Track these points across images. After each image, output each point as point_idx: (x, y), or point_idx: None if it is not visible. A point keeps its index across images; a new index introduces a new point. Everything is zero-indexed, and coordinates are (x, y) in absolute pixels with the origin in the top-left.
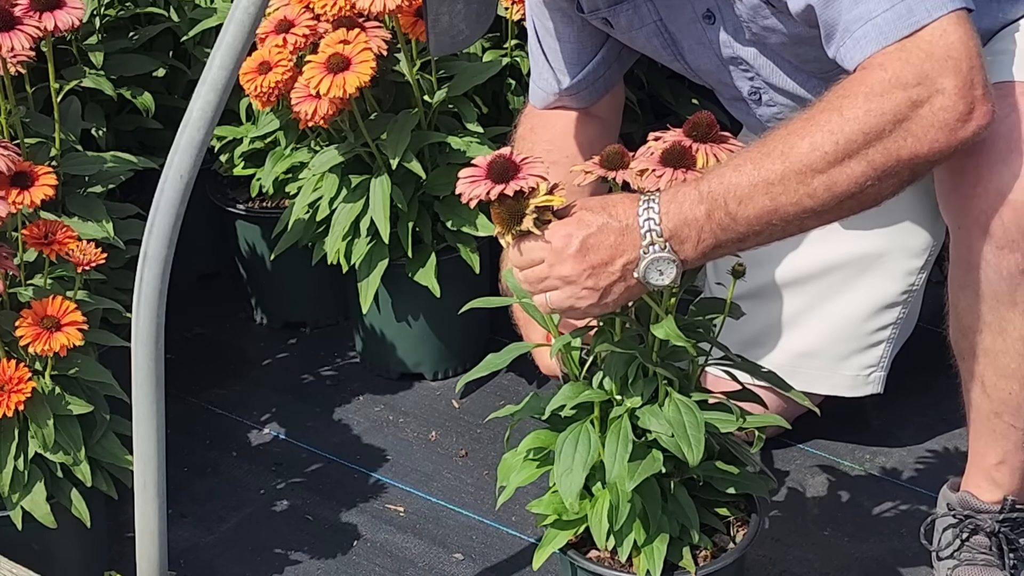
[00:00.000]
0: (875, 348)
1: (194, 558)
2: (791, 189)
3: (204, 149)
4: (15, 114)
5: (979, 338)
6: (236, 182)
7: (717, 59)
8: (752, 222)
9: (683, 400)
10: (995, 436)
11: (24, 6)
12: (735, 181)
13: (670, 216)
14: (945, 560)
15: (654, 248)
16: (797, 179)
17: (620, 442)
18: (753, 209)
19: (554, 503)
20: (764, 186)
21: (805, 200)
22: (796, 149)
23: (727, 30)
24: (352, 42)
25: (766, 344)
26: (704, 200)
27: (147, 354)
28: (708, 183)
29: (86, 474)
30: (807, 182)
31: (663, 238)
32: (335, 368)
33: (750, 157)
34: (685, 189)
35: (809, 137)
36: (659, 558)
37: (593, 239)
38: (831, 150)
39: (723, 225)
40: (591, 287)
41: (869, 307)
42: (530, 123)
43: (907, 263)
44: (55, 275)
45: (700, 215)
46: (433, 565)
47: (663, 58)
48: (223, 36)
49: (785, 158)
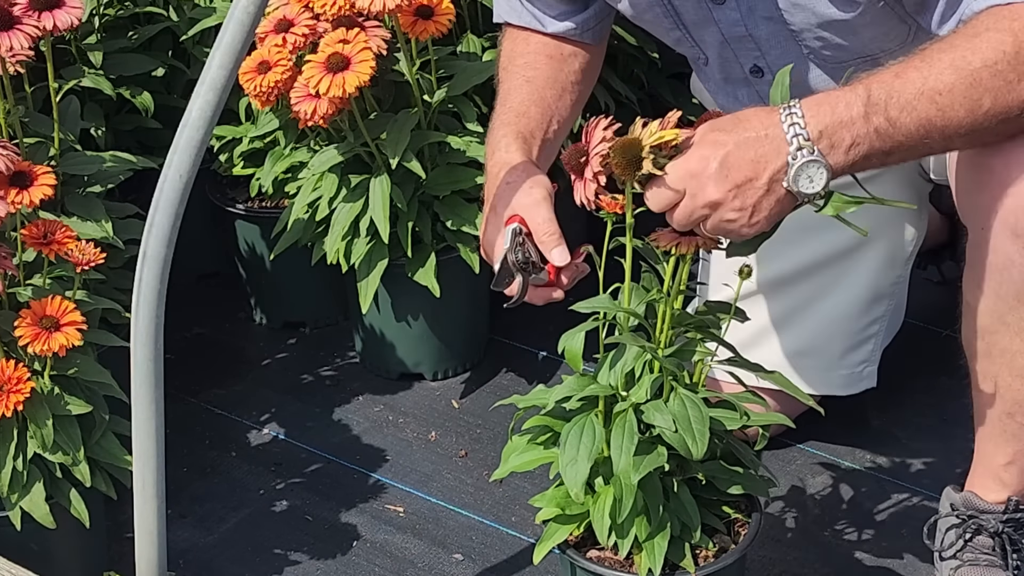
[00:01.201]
0: (867, 343)
1: (193, 558)
2: (957, 102)
3: (203, 149)
4: (14, 114)
5: (996, 339)
6: (235, 182)
7: (721, 38)
8: (911, 133)
9: (688, 395)
10: (1005, 436)
11: (23, 5)
12: (899, 88)
13: (819, 118)
14: (948, 560)
15: (803, 153)
16: (966, 92)
17: (626, 435)
18: (916, 118)
19: (556, 497)
20: (931, 95)
21: (968, 117)
22: (968, 63)
23: (740, 9)
24: (352, 42)
25: (759, 345)
26: (863, 102)
27: (146, 354)
28: (868, 87)
29: (85, 474)
30: (976, 98)
31: (810, 141)
32: (335, 368)
33: (913, 65)
34: (837, 93)
35: (981, 54)
36: (660, 554)
37: (733, 156)
38: (1004, 69)
39: (881, 131)
40: (738, 207)
41: (859, 303)
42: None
43: (893, 256)
44: (54, 275)
45: (857, 116)
46: (433, 565)
47: (663, 26)
48: (222, 35)
49: (956, 70)
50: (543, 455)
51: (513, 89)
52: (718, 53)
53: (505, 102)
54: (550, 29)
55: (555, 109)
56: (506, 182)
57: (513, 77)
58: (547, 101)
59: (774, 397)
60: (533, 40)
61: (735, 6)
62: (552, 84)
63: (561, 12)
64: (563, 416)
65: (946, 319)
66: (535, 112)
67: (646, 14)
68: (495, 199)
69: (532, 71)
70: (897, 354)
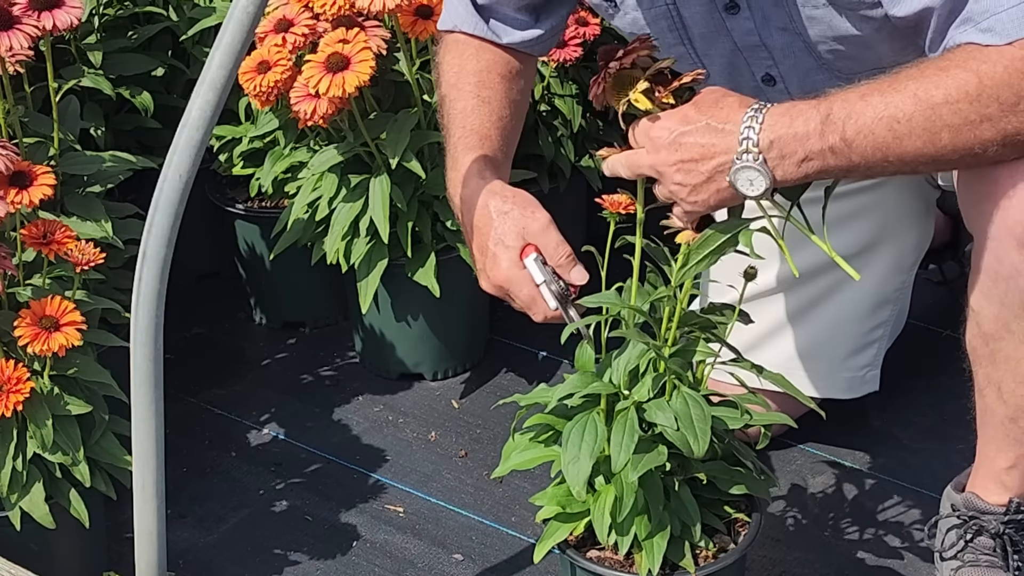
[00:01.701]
0: (870, 348)
1: (193, 558)
2: (916, 133)
3: (203, 149)
4: (14, 113)
5: (1001, 345)
6: (235, 182)
7: (733, 46)
8: (867, 154)
9: (691, 393)
10: (1008, 441)
11: (23, 5)
12: (860, 109)
13: (775, 128)
14: (948, 560)
15: (747, 157)
16: (925, 125)
17: (626, 433)
18: (872, 142)
19: (557, 496)
20: (889, 121)
21: (927, 147)
22: (931, 96)
23: (754, 19)
24: (351, 41)
25: (763, 347)
26: (821, 119)
27: (146, 354)
28: (829, 104)
29: (85, 474)
30: (934, 131)
31: (758, 147)
32: (334, 368)
33: (878, 89)
34: (802, 105)
35: (944, 89)
36: (659, 553)
37: (688, 137)
38: (965, 109)
39: (836, 150)
40: (680, 181)
41: (864, 307)
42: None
43: (899, 261)
44: (54, 275)
45: (813, 132)
46: (433, 566)
47: (665, 42)
48: (222, 35)
49: (917, 101)
50: (544, 453)
51: (470, 110)
52: (728, 62)
53: (463, 123)
54: (505, 40)
55: (511, 130)
56: (501, 212)
57: (466, 96)
58: (505, 122)
59: (775, 399)
60: (485, 56)
61: (749, 16)
62: (507, 104)
63: (524, 22)
64: (564, 415)
65: (946, 319)
66: (496, 135)
67: (648, 30)
68: (498, 232)
69: (487, 91)
70: (897, 354)
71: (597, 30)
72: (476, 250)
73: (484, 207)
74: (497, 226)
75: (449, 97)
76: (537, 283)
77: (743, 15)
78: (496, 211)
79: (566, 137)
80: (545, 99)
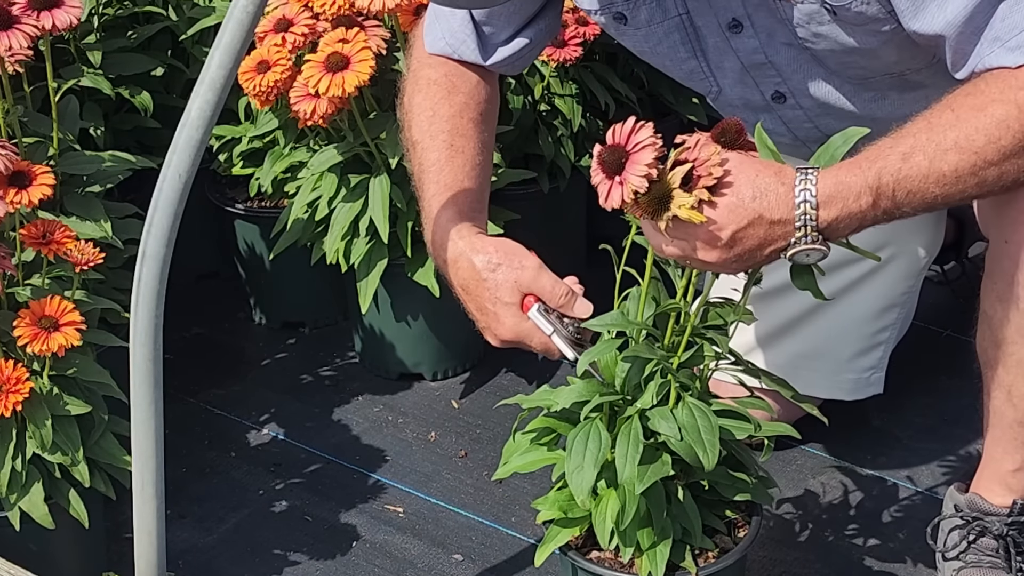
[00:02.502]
0: (875, 350)
1: (193, 559)
2: (963, 180)
3: (203, 148)
4: (13, 113)
5: (1013, 349)
6: (235, 181)
7: (740, 65)
8: (916, 207)
9: (697, 404)
10: (1015, 444)
11: (22, 5)
12: (907, 173)
13: (830, 209)
14: (951, 561)
15: (806, 240)
16: (971, 171)
17: (631, 444)
18: (921, 199)
19: (558, 500)
20: (937, 178)
21: (972, 189)
22: (973, 143)
23: (758, 37)
24: (351, 41)
25: (767, 347)
26: (872, 192)
27: (145, 354)
28: (878, 174)
29: (84, 475)
30: (980, 174)
31: (817, 232)
32: (334, 368)
33: (919, 146)
34: (850, 179)
35: (985, 133)
36: (662, 561)
37: (743, 233)
38: (1008, 144)
39: (887, 211)
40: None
41: (871, 310)
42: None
43: (909, 266)
44: (53, 275)
45: (865, 207)
46: (432, 566)
47: (678, 56)
48: (221, 35)
49: (961, 151)
50: (545, 456)
51: (443, 161)
52: (738, 80)
53: (438, 179)
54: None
55: (484, 174)
56: (489, 268)
57: (440, 146)
58: (479, 169)
59: (778, 400)
60: (457, 99)
61: (753, 34)
62: (480, 150)
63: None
64: (566, 418)
65: (947, 319)
66: (471, 184)
67: (660, 45)
68: (492, 290)
69: (461, 139)
70: (898, 354)
71: (597, 30)
72: (475, 310)
73: (470, 267)
74: (489, 284)
75: (421, 145)
76: (547, 334)
77: (747, 34)
78: (484, 268)
79: (566, 137)
80: (545, 99)
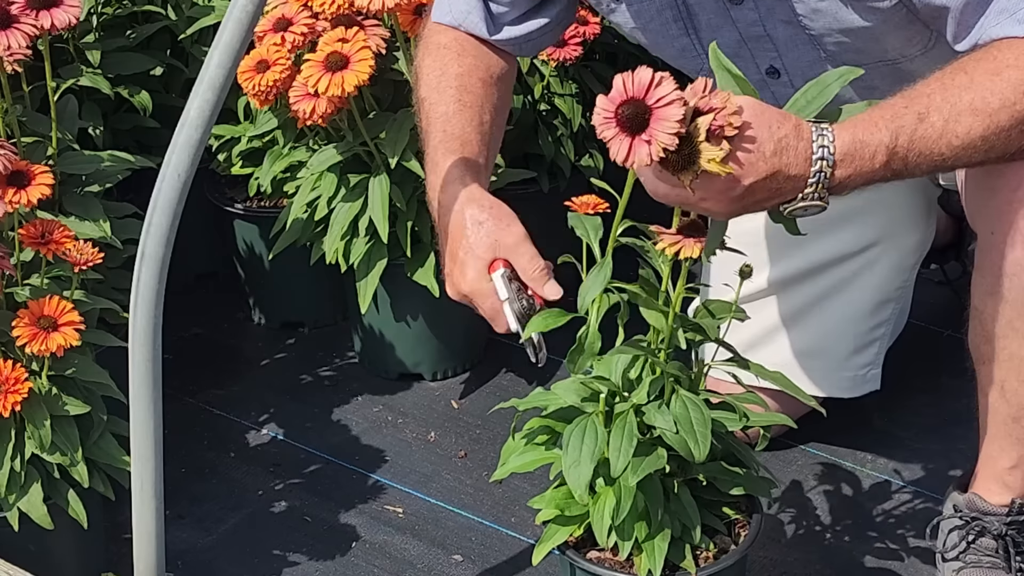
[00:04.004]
0: (871, 346)
1: (192, 559)
2: (973, 144)
3: (202, 148)
4: (12, 113)
5: (1004, 343)
6: (234, 181)
7: (738, 36)
8: (924, 170)
9: (690, 397)
10: (1011, 440)
11: (21, 4)
12: (921, 134)
13: (845, 168)
14: (950, 561)
15: (815, 196)
16: (983, 135)
17: (625, 437)
18: (930, 160)
19: (556, 499)
20: (949, 139)
21: (978, 154)
22: (988, 105)
23: (759, 10)
24: (351, 40)
25: (764, 346)
26: (887, 152)
27: (144, 354)
28: (895, 134)
29: (83, 475)
30: (990, 139)
31: (827, 190)
32: (333, 368)
33: (935, 106)
34: (867, 138)
35: (1000, 95)
36: (660, 556)
37: (759, 184)
38: (1022, 109)
39: (896, 172)
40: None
41: (866, 306)
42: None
43: (901, 260)
44: (52, 275)
45: (878, 166)
46: (432, 566)
47: (669, 33)
48: (221, 34)
49: (975, 114)
50: (543, 456)
51: (451, 114)
52: (733, 54)
53: (444, 127)
54: (502, 36)
55: (492, 136)
56: (477, 221)
57: (447, 100)
58: (486, 127)
59: (775, 398)
60: (466, 60)
61: (753, 7)
62: (488, 109)
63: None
64: (563, 417)
65: (947, 319)
66: (477, 140)
67: (652, 22)
68: (470, 241)
69: (469, 95)
70: (898, 354)
71: (597, 29)
72: (447, 255)
73: (460, 213)
74: (470, 235)
75: (429, 100)
76: (501, 299)
77: (747, 5)
78: (471, 220)
79: (566, 136)
80: (545, 98)
